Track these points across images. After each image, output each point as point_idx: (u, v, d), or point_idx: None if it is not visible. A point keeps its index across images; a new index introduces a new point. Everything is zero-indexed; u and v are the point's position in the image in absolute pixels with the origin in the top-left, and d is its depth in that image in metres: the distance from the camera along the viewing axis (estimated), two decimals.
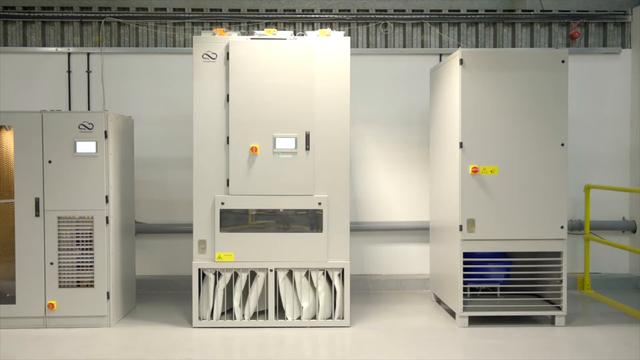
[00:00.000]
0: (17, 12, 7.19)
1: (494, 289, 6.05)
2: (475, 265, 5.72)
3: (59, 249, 5.62)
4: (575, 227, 7.30)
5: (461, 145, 5.59)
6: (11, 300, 5.65)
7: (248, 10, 7.30)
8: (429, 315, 6.16)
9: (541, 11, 7.40)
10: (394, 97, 7.32)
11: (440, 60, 7.18)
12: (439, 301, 6.58)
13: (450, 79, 5.86)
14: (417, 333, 5.53)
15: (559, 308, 5.69)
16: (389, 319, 5.98)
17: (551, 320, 5.75)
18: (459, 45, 7.31)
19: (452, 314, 5.96)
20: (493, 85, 5.60)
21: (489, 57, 5.63)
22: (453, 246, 5.79)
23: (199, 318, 5.66)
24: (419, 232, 7.24)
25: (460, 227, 5.60)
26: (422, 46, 7.39)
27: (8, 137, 6.08)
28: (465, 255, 5.63)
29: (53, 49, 7.22)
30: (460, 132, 5.60)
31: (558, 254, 5.65)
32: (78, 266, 5.65)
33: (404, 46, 7.39)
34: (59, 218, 5.62)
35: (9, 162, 6.05)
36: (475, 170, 5.59)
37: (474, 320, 5.71)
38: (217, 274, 5.67)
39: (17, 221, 5.61)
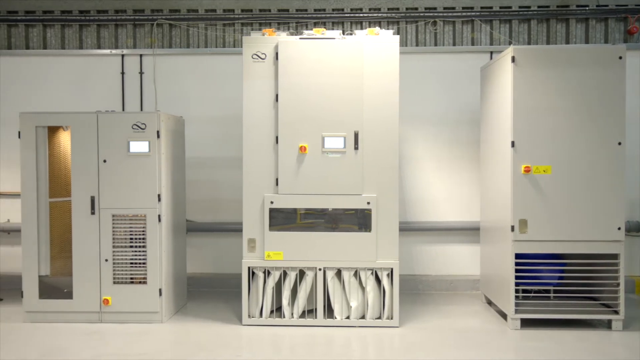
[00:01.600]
0: (73, 16, 7.41)
1: (547, 291, 5.91)
2: (528, 266, 5.60)
3: (113, 246, 5.76)
4: (633, 229, 7.06)
5: (513, 144, 5.49)
6: (68, 295, 5.82)
7: (297, 10, 7.34)
8: (480, 316, 6.06)
9: (597, 6, 7.19)
10: (444, 96, 7.23)
11: (491, 58, 7.06)
12: (489, 302, 6.48)
13: (502, 77, 5.76)
14: (467, 334, 5.45)
15: (616, 312, 5.52)
16: (439, 320, 5.92)
17: (607, 325, 5.58)
18: (510, 43, 7.17)
19: (504, 315, 5.86)
20: (546, 82, 5.48)
21: (542, 54, 5.50)
22: (504, 247, 5.69)
23: (249, 316, 5.72)
24: (469, 232, 7.14)
25: (512, 228, 5.50)
26: (473, 44, 7.28)
27: (65, 137, 6.26)
28: (517, 256, 5.52)
29: (107, 51, 7.40)
30: (512, 131, 5.49)
31: (615, 256, 5.49)
32: (131, 263, 5.78)
33: (454, 44, 7.29)
34: (113, 216, 5.76)
35: (67, 161, 6.23)
36: (527, 170, 5.48)
37: (526, 323, 5.60)
38: (267, 273, 5.71)
39: (74, 219, 5.77)
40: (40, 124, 5.82)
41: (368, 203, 5.62)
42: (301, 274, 5.74)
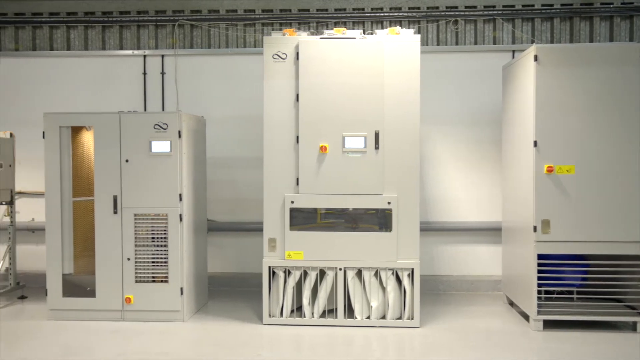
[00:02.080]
0: (96, 17, 7.48)
1: (570, 293, 5.84)
2: (550, 267, 5.54)
3: (135, 245, 5.80)
4: None
5: (535, 144, 5.44)
6: (91, 293, 5.88)
7: (317, 10, 7.34)
8: (502, 317, 6.02)
9: (622, 4, 7.09)
10: (465, 96, 7.18)
11: (513, 57, 6.99)
12: (511, 303, 6.42)
13: (524, 76, 5.70)
14: (489, 336, 5.41)
15: None
16: (460, 321, 5.88)
17: (632, 327, 5.51)
18: (532, 41, 7.10)
19: (526, 317, 5.80)
20: (569, 81, 5.42)
21: (565, 53, 5.44)
22: (527, 248, 5.63)
23: (269, 315, 5.73)
24: (491, 232, 7.08)
25: (535, 228, 5.44)
26: (494, 43, 7.23)
27: (89, 137, 6.33)
28: (540, 257, 5.46)
29: (130, 51, 7.47)
30: (534, 130, 5.44)
31: (639, 257, 5.41)
32: (153, 262, 5.82)
33: (475, 43, 7.24)
34: (135, 215, 5.80)
35: (89, 161, 6.30)
36: (550, 170, 5.42)
37: (548, 324, 5.54)
38: (287, 272, 5.72)
39: (97, 218, 5.83)
40: (63, 124, 5.89)
41: (389, 203, 5.61)
42: (322, 273, 5.74)
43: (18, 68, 7.53)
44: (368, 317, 5.67)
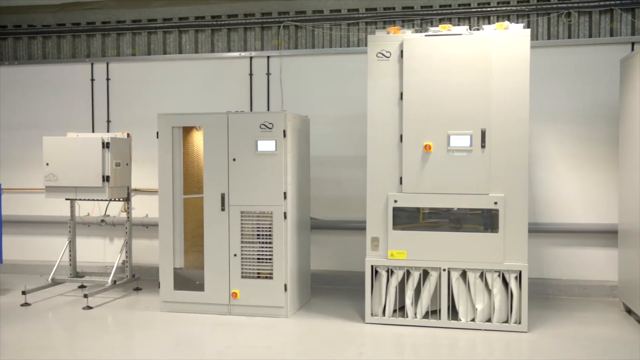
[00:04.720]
0: (206, 21, 7.77)
1: None
2: None
3: (242, 242, 5.97)
4: None
5: None
6: (200, 287, 6.11)
7: (421, 7, 7.24)
8: (617, 325, 5.68)
9: None
10: (577, 91, 6.83)
11: (633, 49, 6.58)
12: (629, 311, 6.05)
13: None
14: (603, 344, 5.12)
15: None
16: (571, 327, 5.61)
17: None
18: None
19: None
20: None
21: None
22: None
23: (371, 314, 5.72)
24: (605, 235, 6.70)
25: None
26: (611, 35, 6.83)
27: (198, 136, 6.58)
28: None
29: (237, 53, 7.70)
30: None
31: None
32: (258, 258, 5.96)
33: (590, 36, 6.87)
34: (241, 212, 5.97)
35: (199, 159, 6.55)
36: None
37: None
38: (390, 272, 5.68)
39: (206, 215, 6.05)
40: (175, 124, 6.16)
41: (495, 203, 5.44)
42: (425, 273, 5.66)
43: (134, 72, 7.97)
44: (472, 320, 5.53)
